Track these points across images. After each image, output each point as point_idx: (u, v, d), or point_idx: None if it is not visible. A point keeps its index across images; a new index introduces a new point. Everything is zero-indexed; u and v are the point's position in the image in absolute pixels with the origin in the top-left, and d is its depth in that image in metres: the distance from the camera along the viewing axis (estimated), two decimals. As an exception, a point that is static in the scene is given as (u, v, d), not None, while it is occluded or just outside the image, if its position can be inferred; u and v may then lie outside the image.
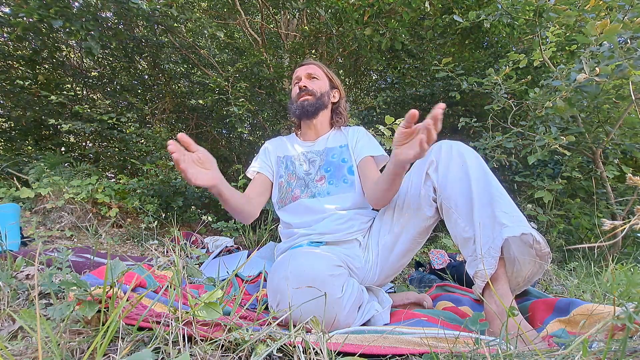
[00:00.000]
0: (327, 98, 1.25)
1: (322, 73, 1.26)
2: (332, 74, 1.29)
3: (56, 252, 0.84)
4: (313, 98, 1.21)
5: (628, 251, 1.96)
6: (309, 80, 1.24)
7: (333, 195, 1.13)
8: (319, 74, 1.25)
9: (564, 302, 0.80)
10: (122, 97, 3.29)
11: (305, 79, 1.24)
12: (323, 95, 1.24)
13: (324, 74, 1.27)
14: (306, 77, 1.24)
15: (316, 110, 1.23)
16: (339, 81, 1.31)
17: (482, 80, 2.09)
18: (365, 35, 2.52)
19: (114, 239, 2.06)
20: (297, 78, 1.26)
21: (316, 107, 1.22)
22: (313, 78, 1.24)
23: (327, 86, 1.26)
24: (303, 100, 1.21)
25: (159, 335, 0.56)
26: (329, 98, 1.26)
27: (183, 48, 3.07)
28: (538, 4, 1.94)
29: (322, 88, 1.24)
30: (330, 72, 1.29)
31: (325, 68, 1.29)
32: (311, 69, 1.25)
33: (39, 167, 2.32)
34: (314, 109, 1.22)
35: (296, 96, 1.24)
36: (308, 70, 1.25)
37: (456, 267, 1.49)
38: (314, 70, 1.25)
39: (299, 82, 1.24)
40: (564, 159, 2.05)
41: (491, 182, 0.85)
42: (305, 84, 1.22)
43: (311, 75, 1.25)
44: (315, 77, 1.25)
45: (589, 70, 1.45)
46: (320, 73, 1.26)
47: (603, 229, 0.47)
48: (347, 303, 0.77)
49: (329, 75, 1.28)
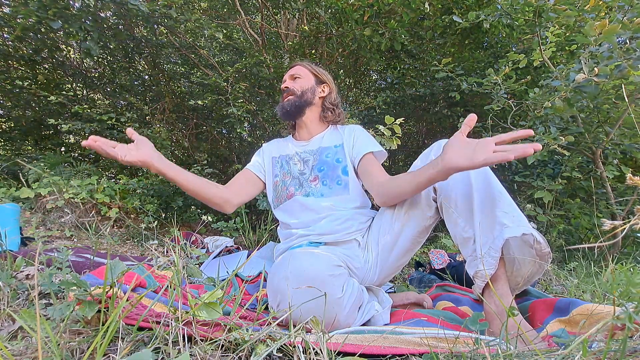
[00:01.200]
0: (311, 94, 1.24)
1: (305, 71, 1.26)
2: (318, 70, 1.28)
3: (56, 252, 0.84)
4: (294, 97, 1.22)
5: (628, 251, 1.97)
6: (292, 81, 1.25)
7: (327, 197, 1.12)
8: (301, 72, 1.25)
9: (564, 302, 0.80)
10: (121, 97, 3.29)
11: (289, 80, 1.25)
12: (305, 92, 1.23)
13: (307, 72, 1.26)
14: (289, 79, 1.26)
15: (298, 109, 1.22)
16: (328, 76, 1.30)
17: (482, 81, 2.09)
18: (364, 36, 2.52)
19: (114, 239, 2.06)
20: (283, 81, 1.28)
21: (297, 105, 1.21)
22: (295, 78, 1.25)
23: (310, 82, 1.25)
24: (285, 100, 1.23)
25: (159, 335, 0.56)
26: (313, 94, 1.25)
27: (183, 48, 3.07)
28: (538, 4, 1.94)
29: (304, 85, 1.23)
30: (317, 69, 1.28)
31: (311, 66, 1.28)
32: (294, 70, 1.27)
33: (39, 167, 2.32)
34: (294, 108, 1.21)
35: (281, 99, 1.26)
36: (291, 72, 1.27)
37: (456, 267, 1.49)
38: (296, 71, 1.26)
39: (282, 85, 1.26)
40: (563, 159, 2.05)
41: (491, 182, 0.85)
42: (287, 85, 1.24)
43: (294, 76, 1.25)
44: (297, 76, 1.25)
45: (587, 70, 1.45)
46: (303, 71, 1.26)
47: (603, 229, 0.47)
48: (347, 303, 0.77)
49: (314, 72, 1.27)
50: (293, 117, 1.25)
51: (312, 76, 1.27)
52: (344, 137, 1.22)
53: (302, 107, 1.23)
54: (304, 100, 1.22)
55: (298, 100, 1.22)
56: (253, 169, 1.26)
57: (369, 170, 1.12)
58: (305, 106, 1.23)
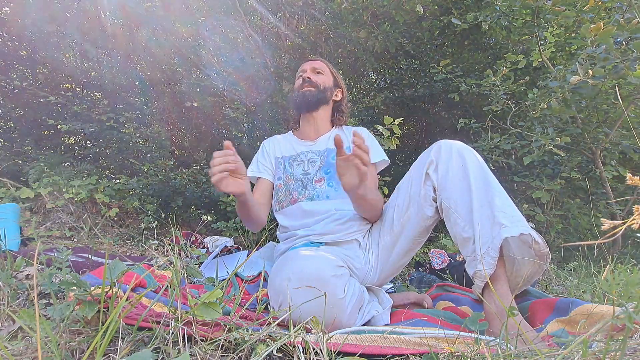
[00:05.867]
0: (330, 94, 1.26)
1: (327, 69, 1.27)
2: (336, 73, 1.30)
3: (56, 252, 0.83)
4: (315, 90, 1.22)
5: (628, 251, 1.97)
6: (314, 74, 1.25)
7: (332, 199, 1.12)
8: (324, 69, 1.26)
9: (564, 302, 0.80)
10: (121, 96, 3.29)
11: (310, 72, 1.25)
12: (326, 90, 1.24)
13: (329, 71, 1.28)
14: (311, 71, 1.25)
15: (317, 103, 1.22)
16: (342, 81, 1.32)
17: (481, 82, 2.10)
18: (360, 38, 2.52)
19: (114, 239, 2.06)
20: (302, 71, 1.27)
21: (317, 98, 1.22)
22: (318, 72, 1.25)
23: (330, 82, 1.26)
24: (305, 90, 1.22)
25: (159, 335, 0.56)
26: (331, 94, 1.26)
27: (182, 48, 3.06)
28: (536, 4, 1.95)
29: (326, 83, 1.24)
30: (335, 71, 1.30)
31: (331, 66, 1.30)
32: (316, 64, 1.27)
33: (39, 167, 2.32)
34: (315, 100, 1.22)
35: (299, 86, 1.24)
36: (313, 64, 1.26)
37: (456, 267, 1.49)
38: (319, 65, 1.26)
39: (303, 74, 1.25)
40: (563, 159, 2.05)
41: (491, 182, 0.85)
42: (310, 76, 1.23)
43: (316, 70, 1.25)
44: (320, 71, 1.25)
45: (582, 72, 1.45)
46: (325, 69, 1.27)
47: (603, 229, 0.47)
48: (349, 304, 0.77)
49: (334, 73, 1.29)
50: (309, 109, 1.24)
51: (332, 77, 1.28)
52: (350, 140, 1.23)
53: (320, 102, 1.23)
54: (323, 96, 1.23)
55: (319, 94, 1.22)
56: (266, 176, 1.24)
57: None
58: (322, 102, 1.24)
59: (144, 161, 2.63)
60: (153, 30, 2.94)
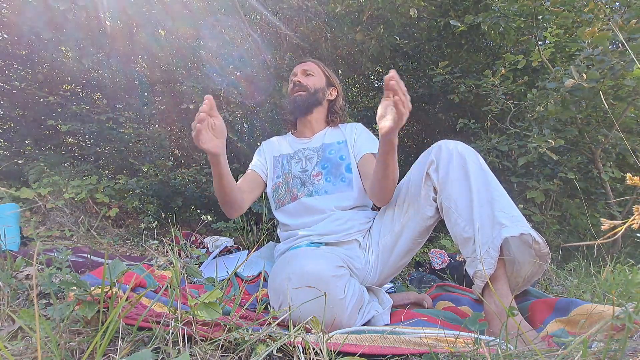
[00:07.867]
0: (322, 95, 1.25)
1: (318, 70, 1.26)
2: (329, 72, 1.29)
3: (55, 252, 0.83)
4: (306, 94, 1.22)
5: (628, 251, 1.97)
6: (304, 76, 1.24)
7: (331, 194, 1.12)
8: (314, 70, 1.26)
9: (564, 302, 0.80)
10: (120, 97, 3.28)
11: (300, 75, 1.25)
12: (317, 92, 1.23)
13: (320, 71, 1.27)
14: (301, 73, 1.25)
15: (309, 107, 1.22)
16: (337, 80, 1.31)
17: (480, 83, 2.10)
18: (356, 41, 2.53)
19: (114, 238, 2.06)
20: (293, 74, 1.27)
21: (308, 102, 1.22)
22: (308, 74, 1.25)
23: (322, 83, 1.25)
24: (296, 95, 1.22)
25: (159, 335, 0.56)
26: (323, 95, 1.26)
27: (182, 48, 3.06)
28: (535, 5, 1.95)
29: (317, 84, 1.24)
30: (328, 70, 1.29)
31: (323, 66, 1.29)
32: (307, 66, 1.26)
33: (39, 167, 2.32)
34: (306, 105, 1.21)
35: (290, 91, 1.25)
36: (304, 67, 1.26)
37: (456, 267, 1.49)
38: (309, 67, 1.26)
39: (293, 78, 1.25)
40: (562, 159, 2.06)
41: (491, 182, 0.85)
42: (300, 79, 1.23)
43: (306, 72, 1.25)
44: (310, 73, 1.25)
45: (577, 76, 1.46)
46: (316, 70, 1.26)
47: (602, 229, 0.47)
48: (349, 304, 0.77)
49: (326, 73, 1.28)
50: (302, 114, 1.24)
51: (324, 77, 1.27)
52: (346, 134, 1.23)
53: (312, 105, 1.23)
54: (315, 98, 1.23)
55: (310, 97, 1.22)
56: (257, 169, 1.25)
57: (365, 171, 1.13)
58: (314, 105, 1.24)
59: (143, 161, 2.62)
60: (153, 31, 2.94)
